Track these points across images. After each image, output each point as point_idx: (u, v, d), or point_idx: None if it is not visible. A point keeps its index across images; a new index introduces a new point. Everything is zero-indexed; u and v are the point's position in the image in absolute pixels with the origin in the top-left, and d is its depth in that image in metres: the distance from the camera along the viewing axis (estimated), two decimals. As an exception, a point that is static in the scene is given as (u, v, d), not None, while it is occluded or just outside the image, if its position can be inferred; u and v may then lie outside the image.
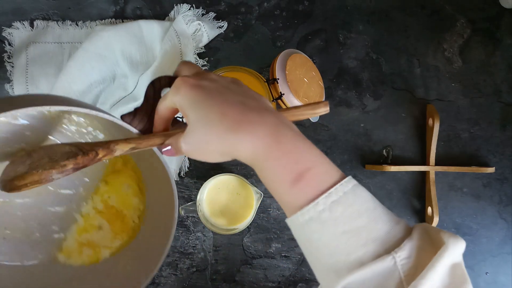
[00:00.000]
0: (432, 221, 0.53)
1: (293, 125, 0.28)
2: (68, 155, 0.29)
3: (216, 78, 0.30)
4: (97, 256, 0.42)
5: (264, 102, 0.29)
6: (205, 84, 0.28)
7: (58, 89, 0.52)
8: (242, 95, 0.29)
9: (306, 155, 0.27)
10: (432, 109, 0.54)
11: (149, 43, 0.55)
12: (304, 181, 0.26)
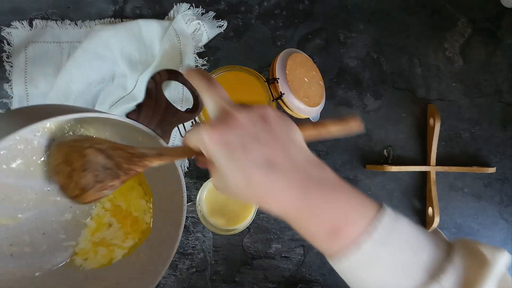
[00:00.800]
0: (433, 221, 0.53)
1: (321, 169, 0.28)
2: (111, 175, 0.32)
3: (243, 123, 0.28)
4: (110, 256, 0.42)
5: (292, 145, 0.28)
6: (230, 139, 0.27)
7: (57, 89, 0.52)
8: (269, 146, 0.28)
9: (338, 206, 0.27)
10: (433, 109, 0.54)
11: (148, 42, 0.55)
12: (341, 232, 0.26)
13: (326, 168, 0.28)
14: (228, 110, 0.29)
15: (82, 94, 0.52)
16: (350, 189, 0.28)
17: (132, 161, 0.32)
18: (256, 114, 0.29)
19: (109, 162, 0.32)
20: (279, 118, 0.29)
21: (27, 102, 0.55)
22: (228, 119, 0.28)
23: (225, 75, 0.45)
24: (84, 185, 0.32)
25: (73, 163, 0.32)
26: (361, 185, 0.55)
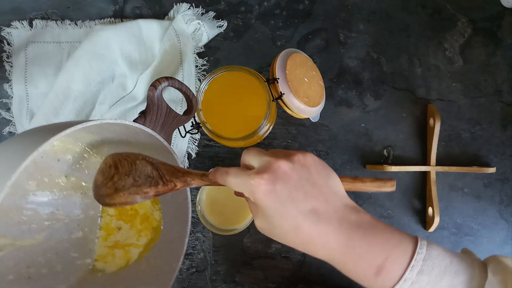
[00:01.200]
0: (432, 221, 0.53)
1: (358, 212, 0.31)
2: (150, 182, 0.33)
3: (288, 173, 0.30)
4: (128, 257, 0.43)
5: (332, 193, 0.31)
6: (278, 189, 0.30)
7: (57, 89, 0.52)
8: (315, 196, 0.30)
9: (380, 246, 0.29)
10: (433, 109, 0.54)
11: (148, 42, 0.55)
12: (386, 270, 0.29)
13: (362, 211, 0.31)
14: (271, 160, 0.31)
15: (82, 94, 0.52)
16: (386, 228, 0.30)
17: (175, 175, 0.34)
18: (298, 162, 0.31)
19: (154, 172, 0.33)
20: (319, 165, 0.32)
21: (27, 102, 0.55)
22: (274, 168, 0.30)
23: (225, 75, 0.45)
24: (120, 186, 0.33)
25: (121, 168, 0.34)
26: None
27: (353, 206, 0.31)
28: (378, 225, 0.30)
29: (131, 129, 0.37)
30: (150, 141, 0.39)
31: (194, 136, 0.55)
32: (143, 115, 0.40)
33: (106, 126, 0.34)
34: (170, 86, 0.42)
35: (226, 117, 0.46)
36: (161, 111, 0.41)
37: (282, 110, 0.48)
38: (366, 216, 0.31)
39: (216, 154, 0.56)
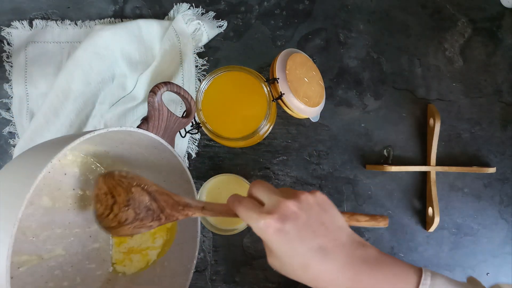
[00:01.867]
0: (432, 221, 0.53)
1: (364, 247, 0.32)
2: (152, 216, 0.34)
3: (297, 212, 0.31)
4: (147, 260, 0.44)
5: (338, 230, 0.33)
6: (287, 229, 0.31)
7: (57, 89, 0.52)
8: (323, 234, 0.32)
9: (385, 280, 0.31)
10: (433, 109, 0.54)
11: (148, 42, 0.55)
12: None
13: (369, 245, 0.33)
14: (280, 200, 0.32)
15: (82, 94, 0.52)
16: (391, 261, 0.32)
17: (176, 209, 0.34)
18: (306, 202, 0.32)
19: (153, 204, 0.34)
20: (326, 204, 0.33)
21: (27, 102, 0.55)
22: (283, 208, 0.31)
23: (225, 75, 0.45)
24: (123, 219, 0.34)
25: (117, 197, 0.34)
26: (361, 185, 0.55)
27: (360, 241, 0.33)
28: (384, 260, 0.32)
29: (134, 135, 0.37)
30: (153, 146, 0.40)
31: (194, 136, 0.55)
32: (145, 121, 0.42)
33: (110, 135, 0.35)
34: (169, 90, 0.43)
35: (226, 117, 0.46)
36: (162, 116, 0.43)
37: (282, 110, 0.48)
38: (372, 251, 0.32)
39: (216, 154, 0.56)
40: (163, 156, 0.41)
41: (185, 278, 0.42)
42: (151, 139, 0.38)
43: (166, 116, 0.43)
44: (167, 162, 0.42)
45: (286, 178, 0.55)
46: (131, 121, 0.54)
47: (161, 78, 0.54)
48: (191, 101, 0.45)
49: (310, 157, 0.56)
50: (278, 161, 0.55)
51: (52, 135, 0.52)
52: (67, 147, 0.29)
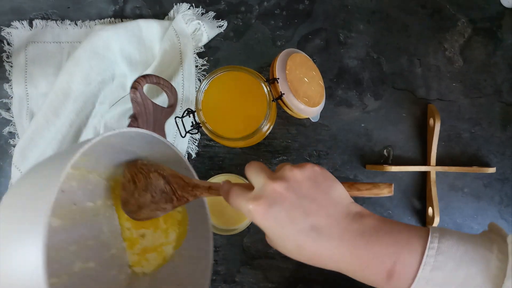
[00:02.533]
0: (432, 221, 0.53)
1: (361, 218, 0.30)
2: (166, 198, 0.37)
3: (283, 194, 0.30)
4: (163, 256, 0.44)
5: (332, 205, 0.31)
6: (275, 213, 0.30)
7: (57, 89, 0.52)
8: (314, 212, 0.30)
9: (387, 251, 0.29)
10: (433, 109, 0.54)
11: (148, 42, 0.55)
12: (397, 274, 0.28)
13: (367, 215, 0.31)
14: (266, 183, 0.31)
15: (82, 94, 0.52)
16: (393, 229, 0.29)
17: (186, 190, 0.37)
18: (294, 180, 0.31)
19: (167, 187, 0.37)
20: (320, 176, 0.32)
21: (27, 102, 0.55)
22: (269, 192, 0.30)
23: (225, 75, 0.45)
24: (142, 203, 0.37)
25: (138, 183, 0.38)
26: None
27: (357, 212, 0.31)
28: (383, 228, 0.30)
29: (126, 136, 0.37)
30: (146, 141, 0.39)
31: (194, 136, 0.55)
32: (134, 119, 0.41)
33: (101, 141, 0.34)
34: (149, 83, 0.43)
35: (226, 117, 0.46)
36: (148, 110, 0.43)
37: (282, 110, 0.48)
38: (370, 221, 0.30)
39: (216, 154, 0.56)
40: (157, 149, 0.41)
41: (206, 261, 0.42)
42: (143, 135, 0.38)
43: (152, 109, 0.43)
44: (161, 155, 0.41)
45: (286, 178, 0.55)
46: (131, 121, 0.54)
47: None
48: (171, 88, 0.46)
49: (310, 157, 0.56)
50: (278, 161, 0.55)
51: (52, 135, 0.52)
52: (69, 164, 0.29)
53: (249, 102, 0.46)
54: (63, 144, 0.53)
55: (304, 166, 0.32)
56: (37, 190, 0.29)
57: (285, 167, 0.32)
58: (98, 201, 0.42)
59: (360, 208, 0.31)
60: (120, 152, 0.40)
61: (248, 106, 0.46)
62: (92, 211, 0.42)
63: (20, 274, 0.26)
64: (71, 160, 0.29)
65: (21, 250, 0.26)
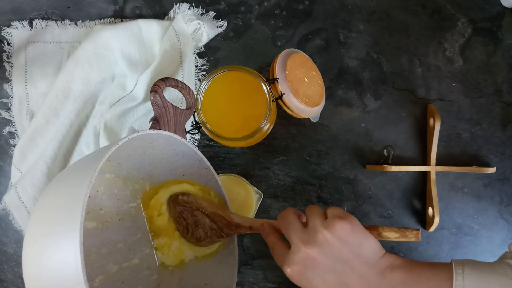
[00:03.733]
0: (433, 221, 0.53)
1: (391, 272, 0.32)
2: (216, 234, 0.41)
3: (316, 259, 0.32)
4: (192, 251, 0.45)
5: (363, 264, 0.32)
6: (310, 278, 0.32)
7: (57, 89, 0.52)
8: (347, 274, 0.32)
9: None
10: (433, 109, 0.54)
11: (148, 42, 0.55)
12: None
13: (395, 268, 0.32)
14: (300, 247, 0.33)
15: (82, 94, 0.52)
16: (421, 276, 0.31)
17: (231, 228, 0.41)
18: (326, 243, 0.32)
19: (214, 225, 0.41)
20: (350, 236, 0.33)
21: (27, 102, 0.55)
22: (302, 258, 0.32)
23: (225, 75, 0.45)
24: (198, 237, 0.42)
25: (187, 219, 0.42)
26: (361, 185, 0.55)
27: (387, 266, 0.32)
28: (412, 280, 0.31)
29: (149, 138, 0.38)
30: (167, 143, 0.41)
31: (194, 136, 0.55)
32: (156, 122, 0.43)
33: (125, 145, 0.35)
34: (168, 86, 0.44)
35: (226, 117, 0.46)
36: (169, 112, 0.44)
37: (282, 110, 0.48)
38: (399, 274, 0.32)
39: (216, 154, 0.56)
40: (178, 151, 0.42)
41: (233, 257, 0.44)
42: (165, 137, 0.39)
43: (172, 111, 0.44)
44: (182, 156, 0.43)
45: (286, 178, 0.55)
46: (131, 121, 0.54)
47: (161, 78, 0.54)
48: (189, 91, 0.47)
49: (310, 157, 0.56)
50: (278, 161, 0.55)
51: (52, 135, 0.52)
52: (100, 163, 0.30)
53: (249, 102, 0.46)
54: (63, 144, 0.53)
55: (334, 225, 0.33)
56: (68, 196, 0.30)
57: (316, 224, 0.33)
58: (123, 205, 0.43)
59: (390, 260, 0.33)
60: (143, 155, 0.41)
61: (248, 106, 0.46)
62: (118, 215, 0.42)
63: (60, 275, 0.27)
64: (99, 165, 0.30)
65: (59, 252, 0.28)
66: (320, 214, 0.35)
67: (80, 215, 0.27)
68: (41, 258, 0.29)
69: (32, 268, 0.30)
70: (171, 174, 0.44)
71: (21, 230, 0.53)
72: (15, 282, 0.55)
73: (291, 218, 0.36)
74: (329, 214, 0.34)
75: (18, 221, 0.53)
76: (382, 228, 0.35)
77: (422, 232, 0.55)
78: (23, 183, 0.51)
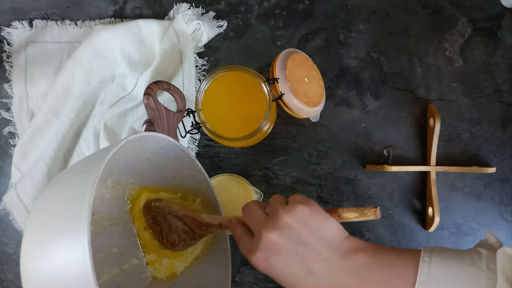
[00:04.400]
0: (432, 221, 0.53)
1: (355, 254, 0.32)
2: (190, 236, 0.41)
3: (278, 243, 0.32)
4: (183, 260, 0.45)
5: (326, 246, 0.32)
6: (272, 263, 0.32)
7: (57, 89, 0.52)
8: (309, 257, 0.32)
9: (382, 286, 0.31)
10: (433, 109, 0.54)
11: (148, 42, 0.55)
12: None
13: (358, 250, 0.32)
14: (261, 233, 0.33)
15: (82, 94, 0.52)
16: (384, 260, 0.31)
17: (202, 228, 0.41)
18: (286, 227, 0.32)
19: (186, 227, 0.41)
20: (310, 218, 0.32)
21: (27, 102, 0.55)
22: (264, 243, 0.32)
23: (225, 75, 0.45)
24: (173, 241, 0.42)
25: (161, 225, 0.42)
26: (361, 185, 0.55)
27: (350, 249, 0.32)
28: (375, 263, 0.31)
29: (142, 141, 0.38)
30: (160, 146, 0.41)
31: (194, 136, 0.55)
32: (150, 124, 0.43)
33: (119, 148, 0.35)
34: (160, 89, 0.45)
35: (226, 117, 0.46)
36: (162, 115, 0.44)
37: (282, 110, 0.48)
38: (363, 257, 0.31)
39: (216, 154, 0.56)
40: (170, 154, 0.42)
41: (226, 258, 0.45)
42: (159, 139, 0.39)
43: (165, 114, 0.45)
44: (174, 159, 0.42)
45: (286, 178, 0.55)
46: (131, 121, 0.54)
47: (161, 78, 0.54)
48: (180, 94, 0.48)
49: (310, 157, 0.56)
50: (278, 161, 0.55)
51: (52, 135, 0.52)
52: (102, 165, 0.30)
53: (249, 102, 0.46)
54: (63, 144, 0.53)
55: (293, 209, 0.33)
56: (72, 197, 0.30)
57: (277, 210, 0.33)
58: (114, 210, 0.43)
59: (353, 243, 0.33)
60: (134, 159, 0.41)
61: (248, 106, 0.46)
62: (110, 220, 0.42)
63: (66, 276, 0.28)
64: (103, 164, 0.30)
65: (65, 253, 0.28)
66: (282, 201, 0.35)
67: (87, 215, 0.27)
68: (43, 262, 0.29)
69: (32, 272, 0.30)
70: (162, 177, 0.44)
71: (21, 230, 0.53)
72: (15, 282, 0.55)
73: (254, 208, 0.36)
74: (290, 200, 0.35)
75: (18, 221, 0.53)
76: (342, 209, 0.35)
77: (422, 232, 0.55)
78: (23, 183, 0.51)
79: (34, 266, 0.29)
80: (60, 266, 0.28)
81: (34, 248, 0.30)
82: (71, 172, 0.35)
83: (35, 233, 0.31)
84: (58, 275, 0.28)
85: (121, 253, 0.42)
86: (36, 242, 0.30)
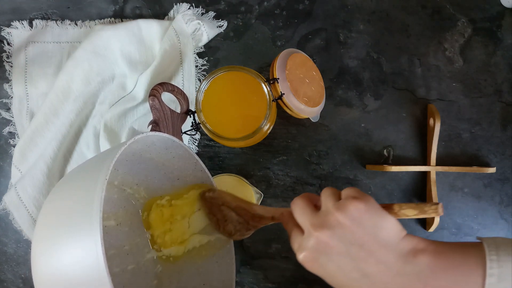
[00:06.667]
0: (433, 221, 0.53)
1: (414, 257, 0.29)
2: (244, 227, 0.42)
3: (329, 243, 0.30)
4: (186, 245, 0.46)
5: (382, 248, 0.29)
6: (323, 264, 0.30)
7: (57, 89, 0.52)
8: (363, 259, 0.29)
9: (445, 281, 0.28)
10: (433, 109, 0.54)
11: (148, 42, 0.55)
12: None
13: (419, 252, 0.29)
14: (311, 231, 0.30)
15: (82, 94, 0.52)
16: (448, 261, 0.28)
17: (255, 220, 0.41)
18: (338, 225, 0.29)
19: (240, 218, 0.42)
20: (364, 216, 0.29)
21: (27, 102, 0.55)
22: (313, 243, 0.31)
23: (225, 75, 0.46)
24: (229, 231, 0.43)
25: (216, 215, 0.43)
26: (361, 185, 0.55)
27: (409, 250, 0.29)
28: (439, 265, 0.28)
29: (148, 141, 0.38)
30: (165, 147, 0.41)
31: (194, 136, 0.55)
32: (155, 125, 0.43)
33: (125, 149, 0.35)
34: (165, 91, 0.45)
35: (226, 117, 0.46)
36: (167, 116, 0.45)
37: (282, 110, 0.48)
38: (425, 258, 0.28)
39: (216, 154, 0.56)
40: (174, 154, 0.42)
41: (230, 256, 0.45)
42: (164, 140, 0.39)
43: (170, 115, 0.45)
44: (178, 159, 0.43)
45: (286, 178, 0.55)
46: (131, 121, 0.54)
47: (161, 78, 0.54)
48: (183, 95, 0.48)
49: (310, 157, 0.56)
50: (278, 161, 0.55)
51: (52, 135, 0.52)
52: (112, 163, 0.30)
53: (249, 102, 0.46)
54: (63, 144, 0.53)
55: (347, 206, 0.30)
56: (83, 195, 0.30)
57: (328, 206, 0.31)
58: (119, 211, 0.43)
59: (413, 242, 0.30)
60: (139, 159, 0.41)
61: (248, 106, 0.46)
62: (115, 221, 0.43)
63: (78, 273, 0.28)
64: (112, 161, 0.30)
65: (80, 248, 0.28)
66: (334, 195, 0.32)
67: (98, 210, 0.27)
68: (55, 260, 0.29)
69: (44, 271, 0.30)
70: (166, 178, 0.44)
71: (21, 230, 0.53)
72: (15, 282, 0.55)
73: (302, 203, 0.33)
74: (343, 195, 0.31)
75: (18, 221, 0.53)
76: (400, 205, 0.31)
77: (422, 232, 0.55)
78: (23, 183, 0.51)
79: (46, 264, 0.30)
80: (72, 264, 0.28)
81: (45, 247, 0.30)
82: (79, 171, 0.35)
83: (46, 233, 0.31)
84: (71, 272, 0.28)
85: (126, 253, 0.42)
86: (47, 241, 0.30)
